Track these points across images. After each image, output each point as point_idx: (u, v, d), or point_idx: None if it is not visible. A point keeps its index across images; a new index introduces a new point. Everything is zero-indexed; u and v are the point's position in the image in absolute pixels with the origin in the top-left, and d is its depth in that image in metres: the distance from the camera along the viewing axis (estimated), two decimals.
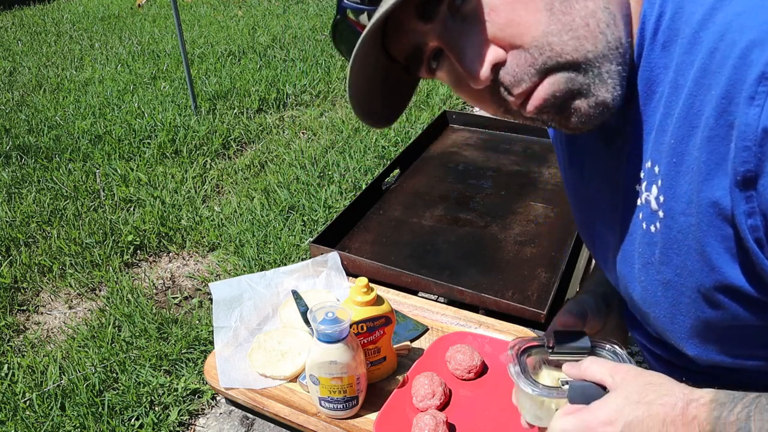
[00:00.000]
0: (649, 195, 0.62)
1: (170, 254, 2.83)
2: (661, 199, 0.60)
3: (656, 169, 0.60)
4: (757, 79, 0.46)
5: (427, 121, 3.88)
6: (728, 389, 0.59)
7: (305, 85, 4.60)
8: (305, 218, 2.97)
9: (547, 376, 0.79)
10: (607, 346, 0.76)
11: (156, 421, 1.97)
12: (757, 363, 0.64)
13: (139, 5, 7.13)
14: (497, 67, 0.58)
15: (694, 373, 0.71)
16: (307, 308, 1.10)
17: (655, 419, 0.59)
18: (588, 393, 0.67)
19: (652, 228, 0.63)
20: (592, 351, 0.76)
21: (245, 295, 1.20)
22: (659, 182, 0.60)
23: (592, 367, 0.68)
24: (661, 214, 0.61)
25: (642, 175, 0.64)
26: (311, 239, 1.85)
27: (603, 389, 0.66)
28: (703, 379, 0.66)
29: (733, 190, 0.51)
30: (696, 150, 0.54)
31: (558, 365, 0.76)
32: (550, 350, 0.77)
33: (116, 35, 6.14)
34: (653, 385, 0.62)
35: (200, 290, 2.59)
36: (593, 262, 2.47)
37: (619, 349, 0.76)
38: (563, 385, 0.72)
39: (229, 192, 3.29)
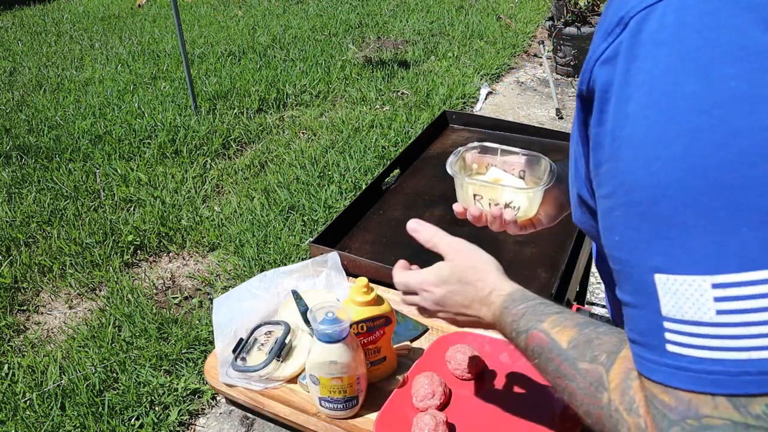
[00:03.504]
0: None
1: (170, 254, 2.83)
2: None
3: None
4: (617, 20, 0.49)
5: (427, 121, 3.88)
6: None
7: (305, 85, 4.60)
8: (305, 218, 2.97)
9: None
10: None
11: (156, 421, 1.97)
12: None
13: (139, 5, 7.13)
14: None
15: None
16: (307, 308, 1.10)
17: (466, 295, 0.77)
18: None
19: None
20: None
21: (245, 297, 1.20)
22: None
23: (440, 236, 0.84)
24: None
25: None
26: (311, 239, 1.85)
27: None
28: None
29: (577, 98, 0.57)
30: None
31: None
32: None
33: (116, 35, 6.14)
34: (477, 270, 0.78)
35: (200, 290, 2.59)
36: (593, 263, 2.47)
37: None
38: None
39: (229, 192, 3.29)
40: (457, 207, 0.92)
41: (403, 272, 0.85)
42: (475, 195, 0.91)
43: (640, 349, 0.48)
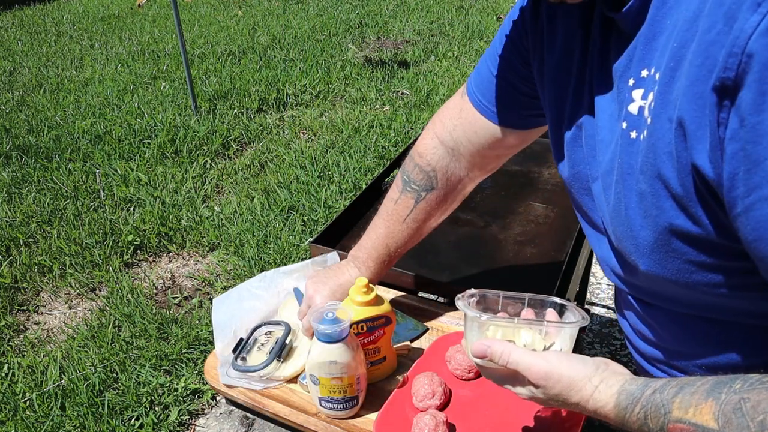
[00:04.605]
0: (644, 103, 0.61)
1: (170, 254, 2.83)
2: (653, 105, 0.59)
3: (657, 75, 0.59)
4: None
5: (427, 121, 3.88)
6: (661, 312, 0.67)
7: (305, 85, 4.60)
8: (305, 218, 2.97)
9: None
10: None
11: (156, 421, 1.97)
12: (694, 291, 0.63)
13: (139, 5, 7.13)
14: None
15: (639, 295, 0.74)
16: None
17: (569, 407, 0.67)
18: None
19: (633, 134, 0.62)
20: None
21: (245, 297, 1.20)
22: (656, 89, 0.58)
23: (520, 356, 0.69)
24: (649, 120, 0.59)
25: (632, 82, 0.63)
26: (311, 239, 1.85)
27: None
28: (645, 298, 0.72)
29: (711, 94, 0.49)
30: (691, 54, 0.52)
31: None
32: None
33: (116, 35, 6.14)
34: (570, 392, 0.66)
35: (200, 290, 2.59)
36: (593, 262, 2.46)
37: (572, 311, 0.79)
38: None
39: (229, 192, 3.29)
40: (479, 347, 0.74)
41: (523, 354, 0.70)
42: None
43: None
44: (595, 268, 2.68)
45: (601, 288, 2.59)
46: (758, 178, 0.46)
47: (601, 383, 0.64)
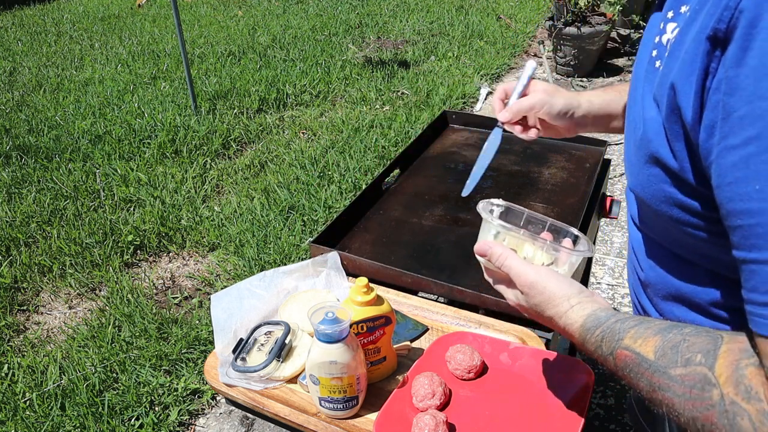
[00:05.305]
0: (671, 36, 0.63)
1: (170, 254, 2.83)
2: (673, 41, 0.61)
3: (687, 14, 0.61)
4: None
5: (427, 121, 3.88)
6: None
7: (305, 85, 4.60)
8: (305, 218, 2.97)
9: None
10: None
11: (156, 421, 1.97)
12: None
13: (139, 5, 7.13)
14: None
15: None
16: None
17: (542, 319, 0.76)
18: None
19: (657, 64, 0.65)
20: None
21: (245, 296, 1.20)
22: (681, 26, 0.61)
23: (510, 261, 0.77)
24: (667, 53, 0.62)
25: (671, 15, 0.65)
26: (311, 239, 1.85)
27: None
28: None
29: (705, 43, 0.53)
30: (710, 2, 0.55)
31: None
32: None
33: (116, 35, 6.14)
34: (548, 305, 0.73)
35: (200, 290, 2.59)
36: (593, 262, 2.45)
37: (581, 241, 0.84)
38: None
39: (229, 192, 3.29)
40: (482, 245, 0.82)
41: (511, 255, 0.78)
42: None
43: None
44: (595, 268, 2.68)
45: (601, 288, 2.59)
46: (727, 128, 0.50)
47: (578, 305, 0.70)
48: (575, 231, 0.84)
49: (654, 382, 0.57)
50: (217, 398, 2.10)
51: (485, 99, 4.46)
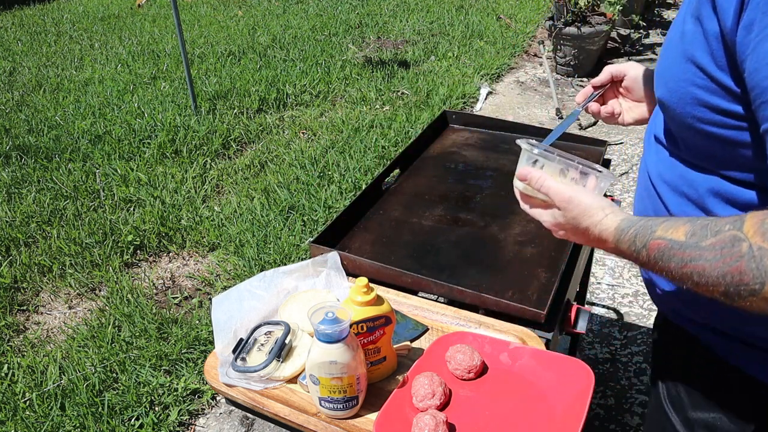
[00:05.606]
0: None
1: (170, 254, 2.83)
2: None
3: None
4: None
5: (427, 121, 3.88)
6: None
7: (305, 85, 4.60)
8: (305, 218, 2.97)
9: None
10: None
11: (156, 421, 1.97)
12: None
13: (139, 5, 7.13)
14: None
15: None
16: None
17: (582, 237, 0.84)
18: None
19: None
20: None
21: (245, 297, 1.20)
22: None
23: (548, 184, 0.85)
24: None
25: None
26: (311, 239, 1.85)
27: None
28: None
29: None
30: None
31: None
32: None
33: (116, 35, 6.14)
34: (584, 216, 0.81)
35: (200, 290, 2.59)
36: (593, 262, 2.45)
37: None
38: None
39: (229, 192, 3.29)
40: (523, 170, 0.92)
41: (550, 180, 0.87)
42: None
43: None
44: (595, 268, 2.68)
45: (601, 288, 2.59)
46: (767, 20, 0.57)
47: (611, 213, 0.78)
48: (599, 167, 0.92)
49: (685, 258, 0.63)
50: (217, 398, 2.10)
51: (485, 99, 4.46)
